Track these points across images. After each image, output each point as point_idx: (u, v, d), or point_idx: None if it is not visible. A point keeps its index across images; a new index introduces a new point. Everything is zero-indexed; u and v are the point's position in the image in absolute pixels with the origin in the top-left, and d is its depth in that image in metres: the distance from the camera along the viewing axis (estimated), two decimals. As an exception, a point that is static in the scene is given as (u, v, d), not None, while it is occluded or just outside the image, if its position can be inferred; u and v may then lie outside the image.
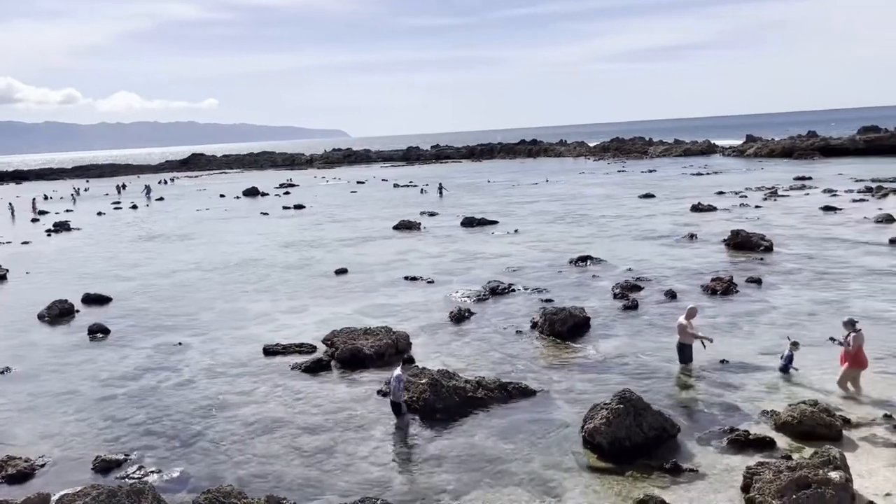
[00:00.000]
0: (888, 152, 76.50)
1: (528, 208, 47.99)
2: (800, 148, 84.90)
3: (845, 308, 19.19)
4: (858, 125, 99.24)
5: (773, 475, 9.70)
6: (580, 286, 23.95)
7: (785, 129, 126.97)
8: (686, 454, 11.49)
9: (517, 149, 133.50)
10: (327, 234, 40.07)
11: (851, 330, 13.74)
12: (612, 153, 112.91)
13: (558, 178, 73.36)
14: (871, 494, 9.81)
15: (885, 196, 42.78)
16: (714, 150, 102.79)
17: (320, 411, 14.17)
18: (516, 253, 30.86)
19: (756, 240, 28.52)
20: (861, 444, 11.49)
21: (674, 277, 24.32)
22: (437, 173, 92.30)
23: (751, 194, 47.99)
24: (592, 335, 18.37)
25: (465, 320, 20.26)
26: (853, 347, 13.56)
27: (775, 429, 12.13)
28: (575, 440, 12.14)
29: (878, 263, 24.53)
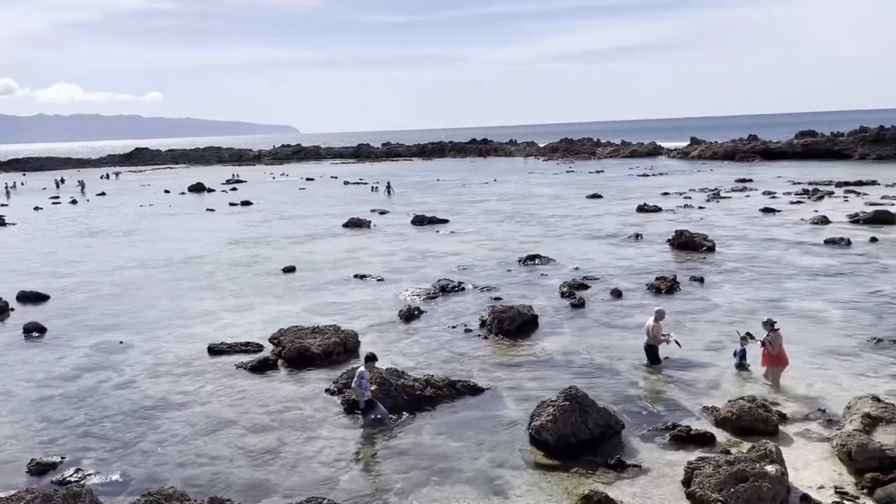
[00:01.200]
0: (823, 156, 79.33)
1: (478, 207, 48.22)
2: (741, 151, 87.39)
3: (783, 307, 19.85)
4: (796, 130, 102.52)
5: (713, 469, 9.97)
6: (529, 285, 24.18)
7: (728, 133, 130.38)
8: (630, 450, 11.70)
9: (468, 148, 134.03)
10: (275, 232, 39.54)
11: (770, 330, 14.23)
12: (561, 153, 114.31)
13: (508, 178, 73.91)
14: (804, 487, 10.16)
15: (821, 198, 44.35)
16: (660, 152, 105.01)
17: (266, 411, 13.98)
18: (466, 251, 30.97)
19: (699, 240, 29.24)
20: (796, 439, 11.89)
21: (620, 276, 24.75)
22: (387, 171, 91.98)
23: (694, 195, 49.16)
24: (540, 333, 18.57)
25: (414, 319, 20.24)
26: (774, 347, 14.04)
27: (715, 424, 12.45)
28: (522, 437, 12.24)
29: (814, 263, 25.41)
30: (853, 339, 16.80)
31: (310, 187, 72.10)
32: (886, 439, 10.81)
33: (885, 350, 15.97)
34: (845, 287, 21.88)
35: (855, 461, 10.57)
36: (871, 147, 77.87)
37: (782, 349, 14.17)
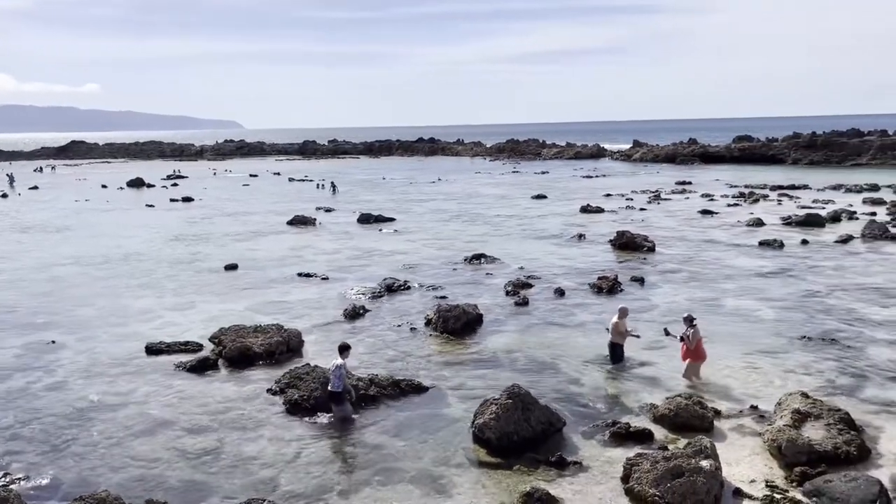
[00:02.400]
0: (759, 160, 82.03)
1: (424, 206, 48.23)
2: (681, 154, 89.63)
3: (719, 306, 20.45)
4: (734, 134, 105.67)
5: (651, 465, 10.20)
6: (474, 284, 24.30)
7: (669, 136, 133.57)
8: (571, 447, 11.88)
9: (415, 146, 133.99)
10: (217, 229, 38.77)
11: (689, 326, 14.69)
12: (507, 154, 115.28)
13: (455, 177, 74.15)
14: (737, 481, 10.49)
15: (756, 201, 45.83)
16: (603, 154, 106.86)
17: (206, 411, 13.70)
18: (412, 250, 30.95)
19: (640, 241, 29.87)
20: (730, 434, 12.27)
21: (563, 276, 25.09)
22: (334, 169, 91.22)
23: (636, 197, 50.20)
24: (485, 331, 18.69)
25: (359, 317, 20.13)
26: (693, 342, 14.50)
27: (654, 421, 12.74)
28: (465, 436, 12.30)
29: (749, 264, 26.25)
30: (784, 338, 17.41)
31: (254, 184, 70.93)
32: (814, 434, 11.24)
33: (814, 348, 16.60)
34: (778, 287, 22.66)
35: (785, 456, 10.96)
36: (804, 152, 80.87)
37: (700, 344, 14.66)
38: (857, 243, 30.11)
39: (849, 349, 16.44)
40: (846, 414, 11.88)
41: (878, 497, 9.45)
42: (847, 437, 11.19)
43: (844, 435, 11.25)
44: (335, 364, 13.00)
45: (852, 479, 9.86)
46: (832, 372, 15.05)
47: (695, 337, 14.60)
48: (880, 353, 16.09)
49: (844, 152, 78.68)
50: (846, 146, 79.73)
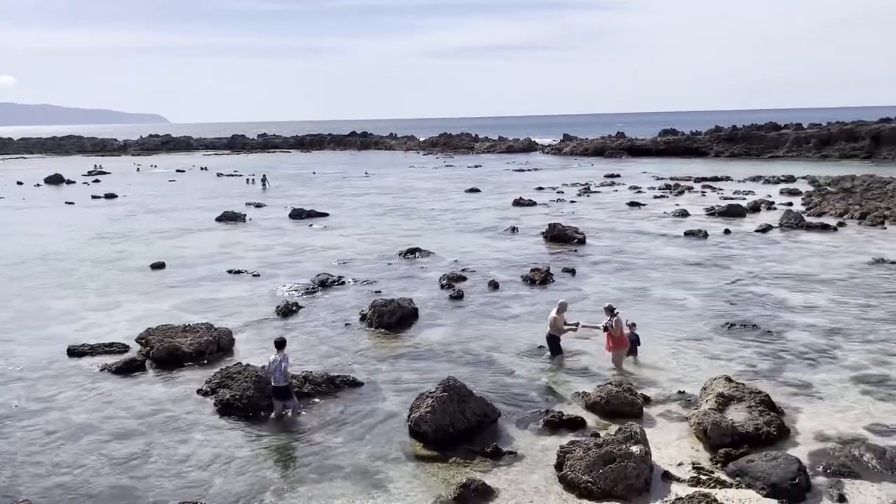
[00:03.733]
0: (684, 153, 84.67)
1: (358, 201, 47.89)
2: (610, 147, 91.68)
3: (647, 295, 21.03)
4: (659, 128, 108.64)
5: (583, 452, 10.42)
6: (409, 278, 24.29)
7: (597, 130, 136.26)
8: (506, 437, 12.02)
9: (348, 140, 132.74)
10: (142, 226, 37.53)
11: (611, 315, 15.13)
12: (440, 148, 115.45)
13: (389, 172, 73.87)
14: (666, 464, 10.82)
15: (681, 193, 47.30)
16: (535, 148, 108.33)
17: (133, 415, 13.26)
18: (346, 245, 30.69)
19: (571, 233, 30.42)
20: (659, 419, 12.65)
21: (497, 268, 25.34)
22: (264, 163, 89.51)
23: (567, 190, 51.09)
24: (420, 325, 18.71)
25: (292, 314, 19.85)
26: (616, 331, 14.95)
27: (586, 409, 13.02)
28: (401, 430, 12.30)
29: (675, 254, 27.08)
30: (709, 325, 18.04)
31: (180, 179, 68.97)
32: (737, 417, 11.69)
33: (737, 334, 17.26)
34: (702, 276, 23.46)
35: (710, 438, 11.37)
36: (725, 145, 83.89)
37: (622, 333, 15.07)
38: (775, 232, 31.42)
39: (769, 334, 17.15)
40: (767, 396, 12.40)
41: (796, 474, 9.91)
42: (767, 419, 11.68)
43: (765, 416, 11.73)
44: (276, 358, 12.83)
45: (773, 458, 10.30)
46: (754, 356, 15.68)
47: (618, 326, 15.02)
48: (798, 338, 16.85)
49: (763, 145, 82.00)
50: (764, 139, 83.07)
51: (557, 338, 16.06)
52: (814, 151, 77.45)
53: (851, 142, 76.16)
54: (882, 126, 77.06)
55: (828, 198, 40.53)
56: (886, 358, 15.32)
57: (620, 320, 15.18)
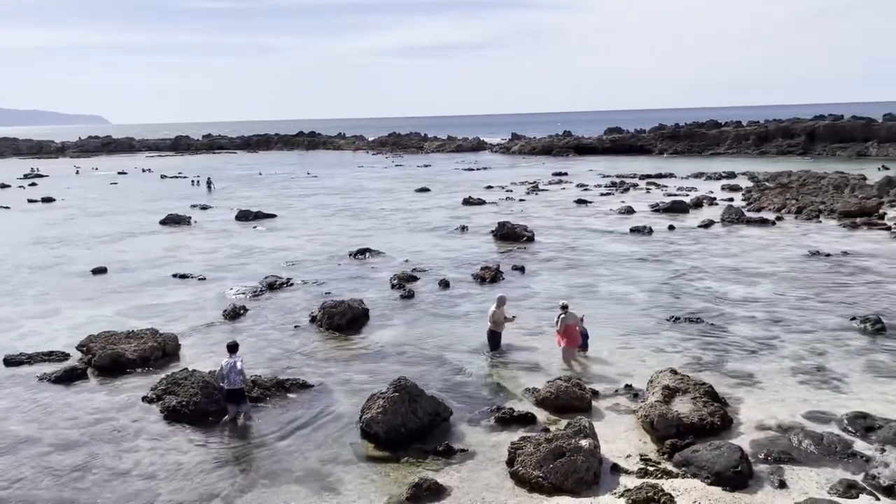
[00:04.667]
0: (629, 151, 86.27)
1: (307, 201, 47.41)
2: (557, 146, 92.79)
3: (595, 291, 21.36)
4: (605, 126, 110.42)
5: (534, 448, 10.53)
6: (359, 278, 24.16)
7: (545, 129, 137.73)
8: (458, 435, 12.07)
9: (295, 140, 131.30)
10: (83, 230, 36.43)
11: (562, 312, 15.41)
12: (389, 147, 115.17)
13: (338, 172, 73.34)
14: (614, 457, 11.01)
15: (627, 190, 48.18)
16: (484, 147, 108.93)
17: (74, 425, 12.87)
18: (295, 246, 30.35)
19: (520, 231, 30.70)
20: (607, 413, 12.87)
21: (447, 267, 25.40)
22: (209, 164, 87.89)
23: (516, 188, 51.51)
24: (371, 326, 18.63)
25: (240, 317, 19.54)
26: (561, 327, 15.29)
27: (536, 404, 13.16)
28: (353, 431, 12.23)
29: (622, 250, 27.57)
30: (655, 319, 18.42)
31: (123, 182, 67.18)
32: (683, 408, 11.98)
33: (681, 327, 17.67)
34: (648, 271, 23.94)
35: (657, 430, 11.62)
36: (669, 143, 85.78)
37: (571, 329, 15.32)
38: (717, 227, 32.26)
39: (712, 327, 17.61)
40: (710, 387, 12.73)
41: (739, 462, 10.20)
42: (711, 409, 11.99)
43: (709, 407, 12.05)
44: (229, 362, 12.71)
45: (716, 447, 10.59)
46: (697, 349, 16.08)
47: (562, 322, 15.24)
48: (740, 330, 17.34)
49: (705, 142, 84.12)
50: (706, 137, 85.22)
51: (498, 333, 16.19)
52: (753, 148, 79.78)
53: (788, 139, 78.73)
54: (816, 123, 79.83)
55: (766, 193, 41.80)
56: (822, 347, 15.89)
57: (570, 317, 15.38)
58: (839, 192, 41.03)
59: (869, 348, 15.73)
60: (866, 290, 20.68)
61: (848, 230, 30.67)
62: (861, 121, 76.99)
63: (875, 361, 14.92)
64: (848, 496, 9.59)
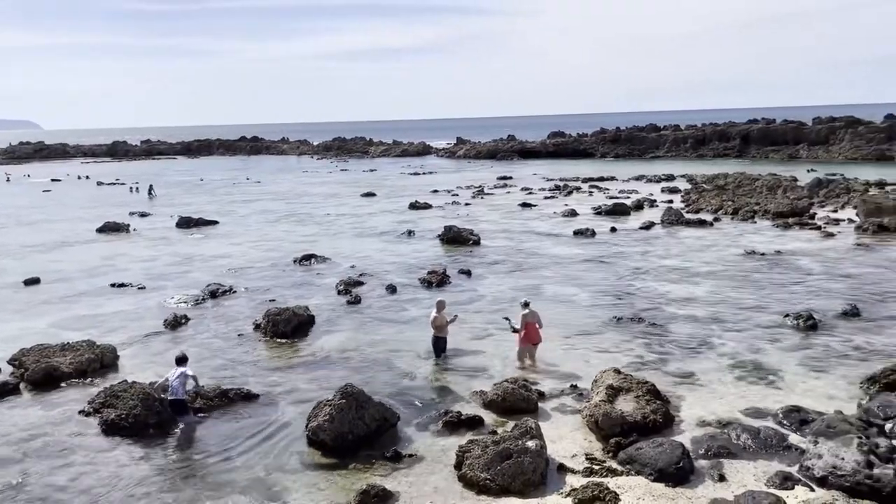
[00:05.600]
0: (571, 155, 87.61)
1: (250, 207, 46.67)
2: (502, 150, 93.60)
3: (540, 293, 21.59)
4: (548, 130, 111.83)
5: (481, 450, 10.59)
6: (304, 285, 23.90)
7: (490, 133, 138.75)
8: (406, 440, 12.05)
9: (237, 145, 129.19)
10: (13, 240, 35.05)
11: (523, 309, 15.69)
12: (334, 152, 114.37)
13: (282, 177, 72.44)
14: (560, 457, 11.15)
15: (570, 193, 48.92)
16: (429, 151, 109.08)
17: (6, 441, 12.36)
18: (238, 253, 29.84)
19: (466, 234, 30.85)
20: (553, 414, 13.03)
21: (394, 272, 25.34)
22: (148, 170, 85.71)
23: (461, 192, 51.74)
24: (317, 333, 18.44)
25: (181, 326, 19.11)
26: (522, 324, 15.45)
27: (484, 407, 13.23)
28: (299, 440, 12.08)
29: (566, 252, 27.97)
30: (599, 320, 18.74)
31: (56, 189, 64.93)
32: (626, 407, 12.21)
33: (624, 327, 18.02)
34: (591, 273, 24.34)
35: (601, 429, 11.82)
36: (610, 146, 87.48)
37: (529, 327, 15.50)
38: (657, 229, 33.03)
39: (654, 326, 18.01)
40: (653, 386, 13.01)
41: (681, 458, 10.45)
42: (654, 407, 12.26)
43: (652, 405, 12.31)
44: (175, 373, 12.58)
45: (659, 444, 10.83)
46: (640, 348, 16.42)
47: (523, 320, 15.42)
48: (680, 329, 17.78)
49: (645, 146, 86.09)
50: (646, 140, 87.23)
51: (443, 338, 16.11)
52: (691, 151, 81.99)
53: (724, 142, 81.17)
54: (750, 127, 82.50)
55: (704, 195, 42.98)
56: (758, 344, 16.41)
57: (530, 314, 15.59)
58: (772, 193, 42.50)
59: (802, 344, 16.33)
60: (799, 287, 21.47)
61: (781, 230, 31.78)
62: (792, 124, 79.87)
63: (808, 357, 15.49)
64: (784, 487, 9.92)
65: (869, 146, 70.41)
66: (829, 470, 9.95)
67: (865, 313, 18.28)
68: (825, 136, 74.78)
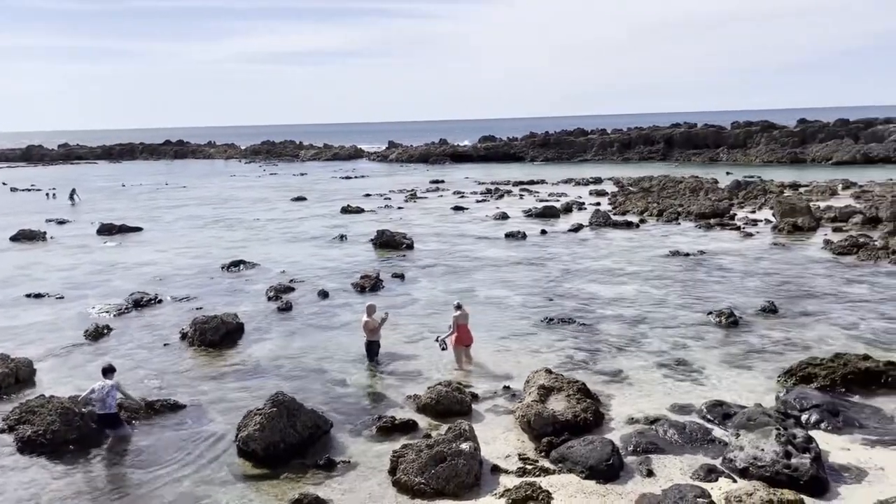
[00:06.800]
0: (502, 158, 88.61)
1: (175, 213, 45.37)
2: (434, 154, 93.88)
3: (474, 296, 21.71)
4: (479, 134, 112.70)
5: (415, 455, 10.57)
6: (233, 292, 23.37)
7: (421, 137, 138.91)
8: (339, 447, 11.92)
9: (162, 149, 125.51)
10: (-81, 249, 33.09)
11: (456, 311, 15.92)
12: (263, 156, 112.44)
13: (209, 181, 70.72)
14: (494, 458, 11.23)
15: (501, 197, 49.45)
16: (361, 155, 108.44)
17: (-89, 464, 11.65)
18: (163, 261, 28.95)
19: (399, 238, 30.79)
20: (486, 415, 13.12)
21: (326, 277, 25.06)
22: (67, 175, 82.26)
23: (394, 196, 51.63)
24: (247, 340, 18.06)
25: (103, 337, 18.41)
26: (453, 326, 15.68)
27: (418, 411, 13.21)
28: (229, 451, 11.79)
29: (498, 255, 28.24)
30: (530, 321, 18.98)
31: (-34, 195, 61.62)
32: (558, 406, 12.39)
33: (555, 328, 18.31)
34: (522, 275, 24.65)
35: (534, 429, 11.96)
36: (540, 150, 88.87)
37: (462, 328, 15.69)
38: (586, 231, 33.71)
39: (584, 326, 18.36)
40: (583, 385, 13.25)
41: (611, 455, 10.67)
42: (584, 405, 12.48)
43: (582, 404, 12.53)
44: (102, 386, 12.17)
45: (590, 442, 11.03)
46: (571, 348, 16.70)
47: (455, 322, 15.53)
48: (609, 329, 18.18)
49: (573, 149, 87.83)
50: (574, 144, 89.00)
51: (375, 342, 15.99)
52: (617, 155, 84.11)
53: (649, 145, 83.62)
54: (674, 130, 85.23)
55: (630, 197, 44.12)
56: (683, 341, 16.94)
57: (462, 316, 15.75)
58: (695, 195, 43.98)
59: (724, 341, 16.93)
60: (721, 286, 22.27)
61: (704, 230, 32.92)
62: (712, 128, 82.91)
63: (729, 353, 16.07)
64: (708, 480, 10.25)
65: (783, 149, 73.79)
66: (750, 461, 10.34)
67: (782, 310, 19.10)
68: (743, 140, 77.96)
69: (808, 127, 77.56)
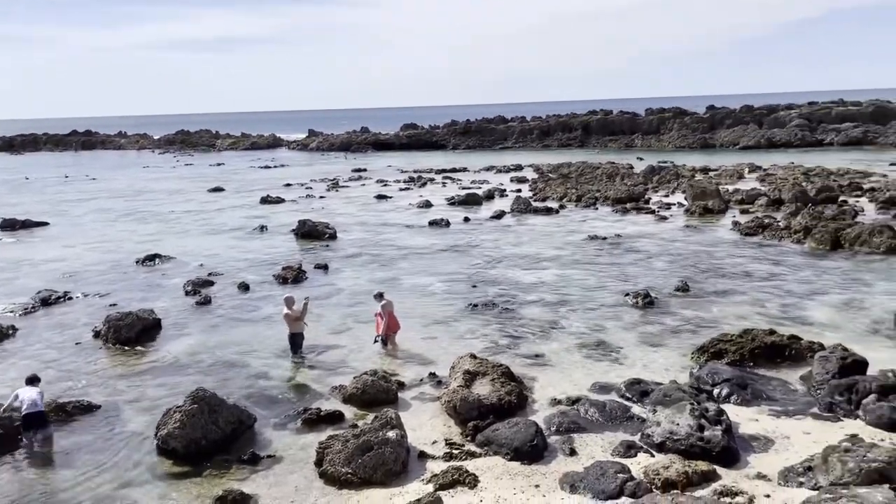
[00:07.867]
0: (425, 146, 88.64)
1: (85, 206, 43.42)
2: (356, 142, 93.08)
3: (398, 284, 21.71)
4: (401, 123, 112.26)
5: (342, 445, 10.52)
6: (149, 287, 22.61)
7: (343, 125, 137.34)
8: (264, 442, 11.74)
9: (68, 140, 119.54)
10: None
11: (380, 300, 15.96)
12: (178, 146, 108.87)
13: (120, 173, 67.96)
14: (421, 444, 11.31)
15: (424, 185, 49.51)
16: (280, 144, 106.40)
17: None
18: (73, 257, 27.69)
19: (322, 228, 30.42)
20: (413, 403, 13.18)
21: (246, 269, 24.54)
22: (-37, 168, 77.41)
23: (315, 186, 50.93)
24: (164, 337, 17.53)
25: (9, 338, 17.51)
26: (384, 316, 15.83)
27: (344, 401, 13.15)
28: (149, 450, 11.45)
29: (422, 243, 28.30)
30: (455, 308, 19.13)
31: None
32: (483, 390, 12.56)
33: (478, 314, 18.52)
34: (446, 262, 24.80)
35: (460, 413, 12.09)
36: (461, 138, 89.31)
37: (389, 316, 15.92)
38: (508, 218, 34.15)
39: (507, 311, 18.64)
40: (507, 368, 13.47)
41: (534, 437, 10.91)
42: (508, 389, 12.69)
43: (507, 387, 12.73)
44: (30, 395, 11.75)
45: (514, 424, 11.24)
46: (495, 333, 16.94)
47: (384, 311, 15.65)
48: (531, 313, 18.52)
49: (494, 137, 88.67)
50: (495, 132, 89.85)
51: (298, 334, 15.75)
52: (537, 142, 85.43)
53: (567, 132, 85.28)
54: (590, 118, 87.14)
55: (550, 184, 44.93)
56: (602, 323, 17.44)
57: (388, 304, 15.90)
58: (612, 180, 45.19)
59: (640, 321, 17.51)
60: (637, 268, 23.00)
61: (620, 215, 33.88)
62: (627, 115, 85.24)
63: (646, 332, 16.65)
64: (628, 456, 10.61)
65: (694, 135, 76.64)
66: (667, 436, 10.76)
67: (695, 289, 19.91)
68: (657, 126, 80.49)
69: (717, 113, 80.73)
